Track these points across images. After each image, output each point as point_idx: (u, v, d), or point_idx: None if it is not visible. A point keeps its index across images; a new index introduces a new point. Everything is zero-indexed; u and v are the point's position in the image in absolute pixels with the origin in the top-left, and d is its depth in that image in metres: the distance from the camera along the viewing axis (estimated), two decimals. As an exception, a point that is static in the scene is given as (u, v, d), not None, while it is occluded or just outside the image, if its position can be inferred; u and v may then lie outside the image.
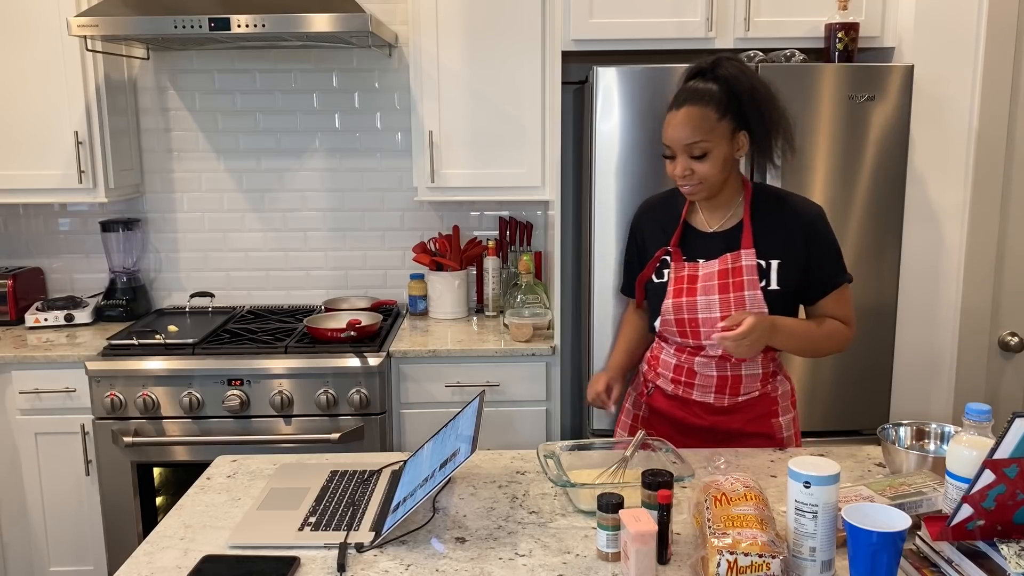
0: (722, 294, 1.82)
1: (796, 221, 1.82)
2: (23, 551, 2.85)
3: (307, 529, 1.48)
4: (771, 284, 1.82)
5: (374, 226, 3.30)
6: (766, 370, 1.90)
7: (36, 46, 2.84)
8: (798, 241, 1.81)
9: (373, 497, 1.60)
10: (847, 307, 1.90)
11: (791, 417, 1.95)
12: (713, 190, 1.82)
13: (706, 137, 1.75)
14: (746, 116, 1.77)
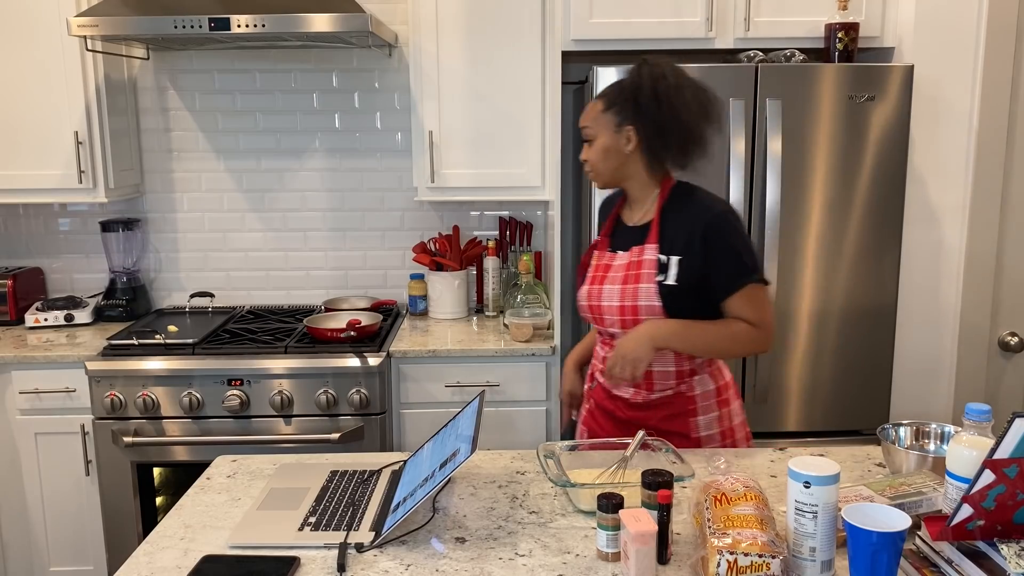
0: (623, 285, 1.89)
1: (697, 220, 1.85)
2: (23, 551, 2.85)
3: (307, 529, 1.48)
4: (668, 280, 1.85)
5: (374, 226, 3.30)
6: (680, 368, 1.91)
7: (36, 46, 2.84)
8: (697, 240, 1.83)
9: (373, 497, 1.60)
10: (755, 309, 1.85)
11: (714, 417, 1.93)
12: (604, 177, 1.93)
13: (590, 125, 1.90)
14: (633, 113, 1.85)
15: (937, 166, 2.56)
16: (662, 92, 1.83)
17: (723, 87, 2.41)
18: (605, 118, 1.88)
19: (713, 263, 1.83)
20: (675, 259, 1.85)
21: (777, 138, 2.42)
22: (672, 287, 1.84)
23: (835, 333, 2.54)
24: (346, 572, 1.36)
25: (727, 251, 1.83)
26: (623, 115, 1.86)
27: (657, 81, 1.83)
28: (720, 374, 1.96)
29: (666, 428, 1.92)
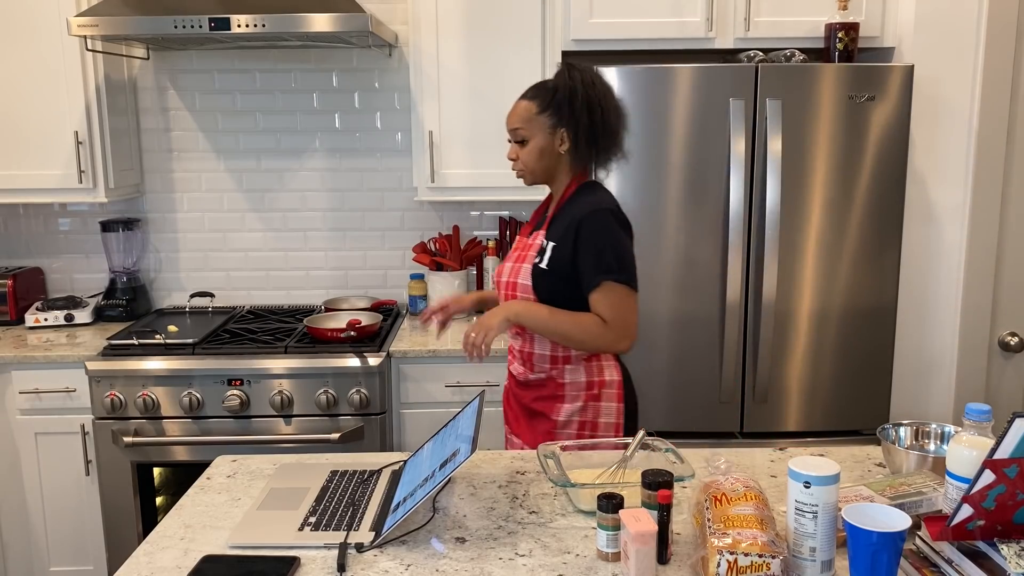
0: (514, 263, 2.06)
1: (577, 213, 1.94)
2: (23, 551, 2.85)
3: (307, 529, 1.48)
4: (542, 263, 1.98)
5: (374, 226, 3.30)
6: (555, 354, 2.01)
7: (36, 46, 2.84)
8: (572, 231, 1.93)
9: (373, 497, 1.60)
10: (609, 307, 1.92)
11: (578, 407, 2.01)
12: (536, 176, 2.05)
13: (524, 126, 1.99)
14: (568, 116, 1.95)
15: (937, 166, 2.56)
16: (594, 97, 1.94)
17: (723, 87, 2.41)
18: (540, 120, 1.97)
19: (579, 256, 1.93)
20: (552, 245, 1.96)
21: (777, 138, 2.42)
22: (543, 270, 1.97)
23: (835, 333, 2.55)
24: (346, 572, 1.36)
25: (592, 247, 1.92)
26: (558, 118, 1.96)
27: (589, 87, 1.94)
28: (600, 371, 2.02)
29: (536, 408, 2.05)
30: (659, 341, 2.53)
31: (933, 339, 2.64)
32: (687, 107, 2.43)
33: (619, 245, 1.93)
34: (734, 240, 2.46)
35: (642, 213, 2.47)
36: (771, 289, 2.48)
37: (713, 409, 2.56)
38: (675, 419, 2.57)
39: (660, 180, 2.46)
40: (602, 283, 1.91)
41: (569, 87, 1.94)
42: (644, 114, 2.43)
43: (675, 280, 2.50)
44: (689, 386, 2.55)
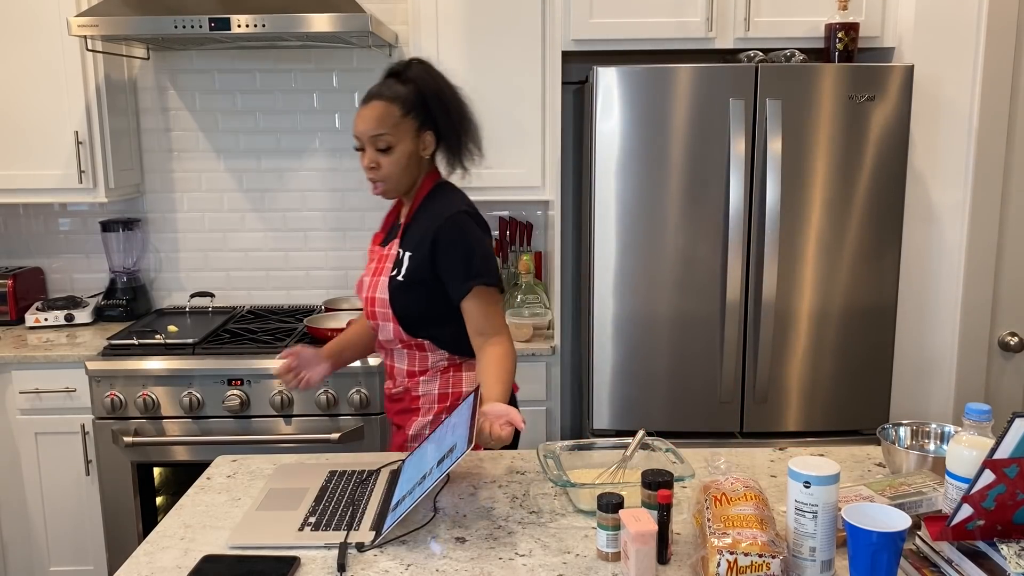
0: (372, 277, 1.96)
1: (434, 220, 1.86)
2: (23, 551, 2.85)
3: (307, 529, 1.48)
4: (400, 275, 1.88)
5: (374, 226, 3.30)
6: (411, 368, 1.96)
7: (36, 46, 2.84)
8: (428, 239, 1.84)
9: (372, 497, 1.60)
10: (484, 315, 1.85)
11: (427, 421, 1.95)
12: (400, 185, 1.89)
13: (390, 131, 1.83)
14: (432, 117, 1.85)
15: (937, 166, 2.56)
16: (450, 94, 1.86)
17: (723, 87, 2.41)
18: (406, 124, 1.84)
19: (441, 264, 1.84)
20: (408, 255, 1.88)
21: (777, 138, 2.42)
22: (400, 282, 1.87)
23: (835, 333, 2.55)
24: (346, 572, 1.36)
25: (455, 253, 1.83)
26: (423, 120, 1.85)
27: (442, 81, 1.85)
28: (456, 382, 1.95)
29: (396, 421, 2.01)
30: (659, 341, 2.53)
31: (933, 339, 2.64)
32: (687, 107, 2.43)
33: (481, 247, 1.85)
34: (734, 240, 2.46)
35: (642, 213, 2.47)
36: (771, 289, 2.48)
37: (713, 409, 2.56)
38: (675, 419, 2.57)
39: (660, 180, 2.46)
40: (473, 289, 1.83)
41: (430, 87, 1.84)
42: (644, 114, 2.43)
43: (675, 280, 2.50)
44: (689, 386, 2.55)
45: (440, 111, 1.85)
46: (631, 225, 2.48)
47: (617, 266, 2.50)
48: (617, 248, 2.49)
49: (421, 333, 1.91)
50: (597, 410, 2.57)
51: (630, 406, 2.57)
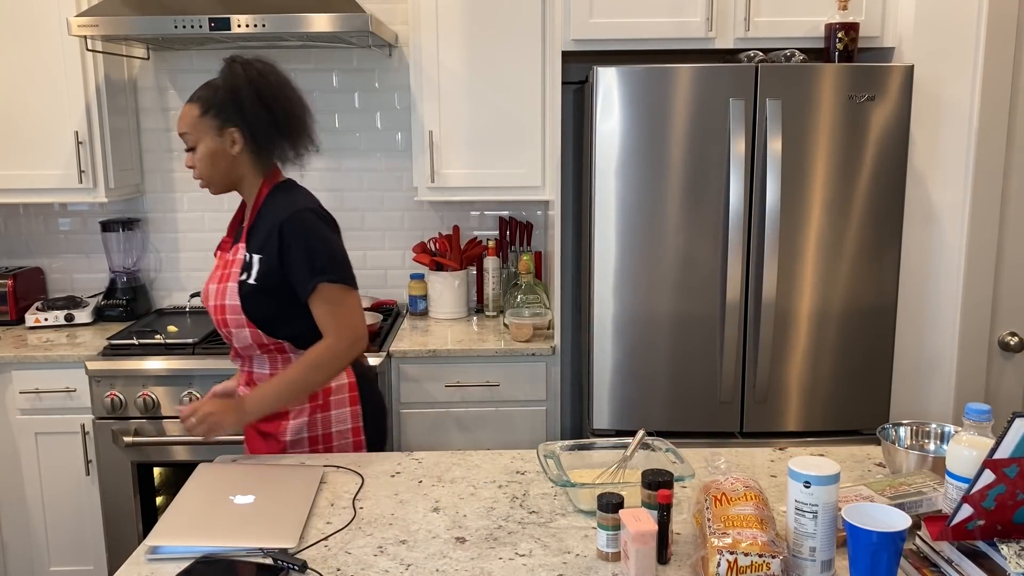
0: (218, 284, 1.91)
1: (277, 218, 1.85)
2: (23, 551, 2.85)
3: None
4: (250, 279, 1.86)
5: (374, 226, 3.30)
6: (273, 371, 1.93)
7: (36, 46, 2.84)
8: (275, 238, 1.83)
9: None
10: (330, 313, 1.84)
11: (304, 422, 1.92)
12: (217, 183, 1.91)
13: (190, 131, 1.87)
14: (236, 114, 1.85)
15: (937, 166, 2.56)
16: (264, 89, 1.85)
17: (723, 87, 2.41)
18: (204, 122, 1.86)
19: (287, 263, 1.83)
20: (257, 257, 1.85)
21: (777, 138, 2.42)
22: (252, 286, 1.85)
23: (835, 333, 2.54)
24: (347, 572, 1.36)
25: (299, 250, 1.82)
26: (224, 117, 1.86)
27: (256, 79, 1.85)
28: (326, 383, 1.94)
29: (264, 429, 1.94)
30: (659, 341, 2.53)
31: (933, 339, 2.64)
32: (687, 107, 2.43)
33: (326, 244, 1.85)
34: (734, 240, 2.46)
35: (642, 213, 2.47)
36: (771, 289, 2.48)
37: (713, 409, 2.56)
38: (675, 419, 2.57)
39: (660, 180, 2.46)
40: (317, 286, 1.82)
41: (231, 84, 1.85)
42: (644, 114, 2.43)
43: (675, 280, 2.50)
44: (689, 386, 2.55)
45: (239, 109, 1.85)
46: (631, 225, 2.48)
47: (617, 266, 2.50)
48: (617, 248, 2.49)
49: (280, 335, 1.89)
50: (597, 410, 2.57)
51: (630, 406, 2.57)
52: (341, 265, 1.86)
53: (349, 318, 1.86)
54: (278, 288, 1.85)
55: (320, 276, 1.82)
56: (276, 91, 1.87)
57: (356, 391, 1.98)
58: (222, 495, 1.59)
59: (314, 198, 1.93)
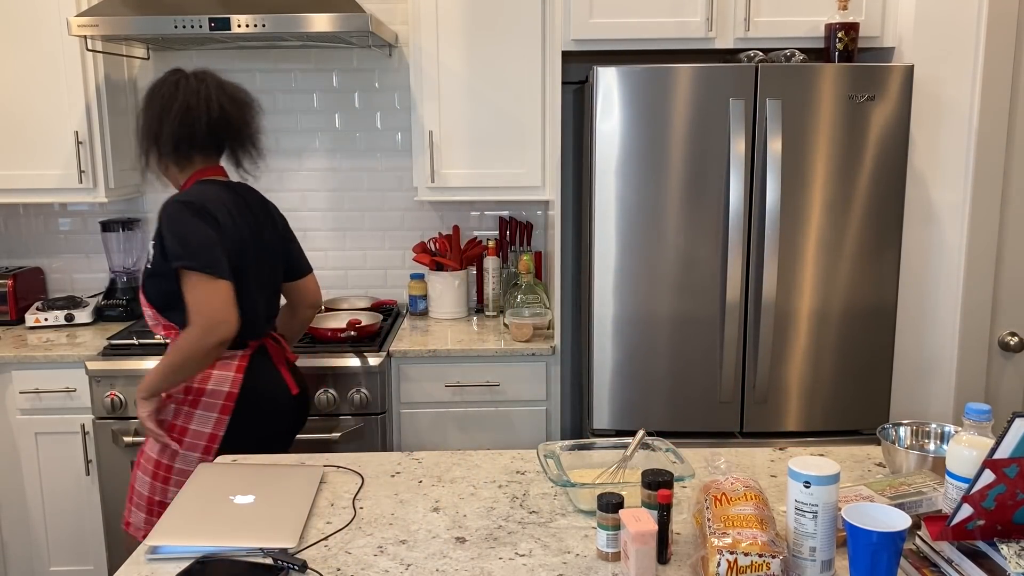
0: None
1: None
2: (23, 551, 2.85)
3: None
4: (149, 263, 2.03)
5: (374, 226, 3.30)
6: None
7: (36, 46, 2.84)
8: (157, 231, 2.00)
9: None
10: (189, 298, 1.94)
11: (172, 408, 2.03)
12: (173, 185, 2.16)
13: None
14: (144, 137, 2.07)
15: (937, 166, 2.56)
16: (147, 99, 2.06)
17: (723, 87, 2.41)
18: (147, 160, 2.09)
19: (156, 248, 1.98)
20: (151, 243, 2.01)
21: (777, 138, 2.42)
22: (149, 270, 2.03)
23: (835, 333, 2.55)
24: (347, 572, 1.36)
25: (163, 237, 1.95)
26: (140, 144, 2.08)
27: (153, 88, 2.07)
28: (204, 379, 2.04)
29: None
30: (659, 341, 2.53)
31: (933, 339, 2.64)
32: (687, 107, 2.43)
33: (184, 231, 1.95)
34: (734, 240, 2.46)
35: (642, 213, 2.47)
36: (771, 289, 2.48)
37: (713, 409, 2.56)
38: (675, 419, 2.57)
39: (660, 180, 2.46)
40: (179, 271, 1.94)
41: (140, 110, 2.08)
42: (644, 114, 2.43)
43: (675, 280, 2.50)
44: (689, 386, 2.55)
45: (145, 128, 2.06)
46: (631, 225, 2.48)
47: (617, 266, 2.50)
48: (617, 248, 2.49)
49: (172, 318, 2.05)
50: (597, 410, 2.57)
51: (630, 406, 2.57)
52: (197, 252, 1.94)
53: (202, 304, 1.93)
54: (168, 274, 1.98)
55: (176, 261, 1.94)
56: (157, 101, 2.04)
57: (232, 403, 2.02)
58: (222, 495, 1.59)
59: (203, 192, 2.02)
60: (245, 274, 2.04)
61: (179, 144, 2.05)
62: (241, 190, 2.14)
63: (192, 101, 2.03)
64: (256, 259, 2.09)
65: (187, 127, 2.02)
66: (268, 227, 2.17)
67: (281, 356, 2.16)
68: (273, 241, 2.19)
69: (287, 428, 2.16)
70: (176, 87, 2.04)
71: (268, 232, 2.16)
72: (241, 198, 2.11)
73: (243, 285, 2.02)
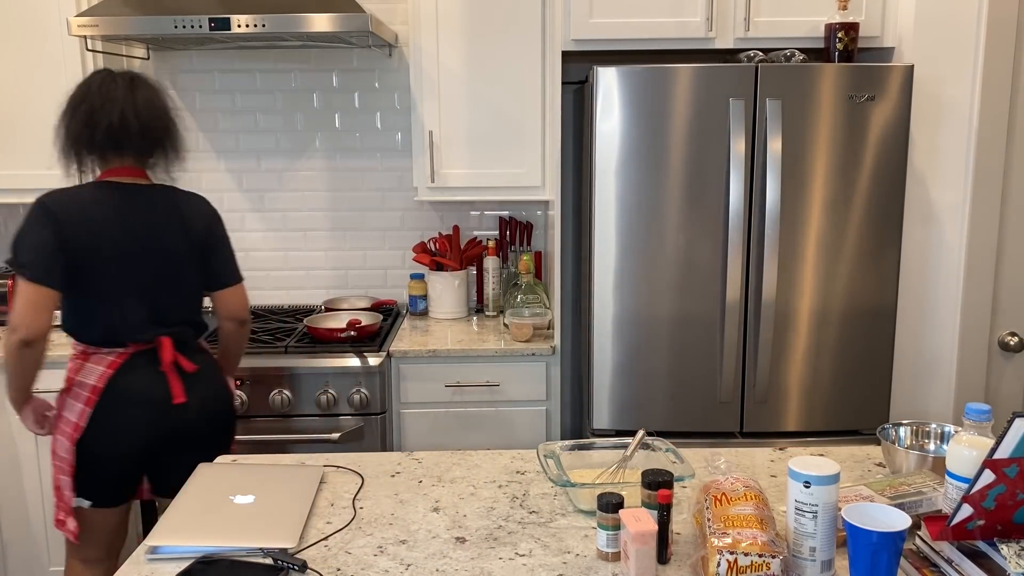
0: None
1: None
2: (23, 551, 2.85)
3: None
4: None
5: (374, 226, 3.31)
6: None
7: (37, 46, 2.84)
8: None
9: None
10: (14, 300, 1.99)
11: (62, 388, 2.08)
12: None
13: None
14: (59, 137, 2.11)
15: (937, 166, 2.56)
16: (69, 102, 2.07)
17: (723, 87, 2.41)
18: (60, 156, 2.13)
19: None
20: None
21: (777, 138, 2.42)
22: None
23: (835, 333, 2.55)
24: (347, 572, 1.36)
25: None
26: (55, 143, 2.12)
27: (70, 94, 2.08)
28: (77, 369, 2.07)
29: None
30: (659, 341, 2.53)
31: (933, 339, 2.64)
32: (687, 107, 2.43)
33: (22, 231, 2.00)
34: (734, 240, 2.46)
35: (642, 213, 2.47)
36: (771, 289, 2.48)
37: (713, 409, 2.56)
38: (675, 419, 2.57)
39: (660, 180, 2.46)
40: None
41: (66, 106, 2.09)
42: (644, 114, 2.43)
43: (675, 280, 2.50)
44: (689, 386, 2.55)
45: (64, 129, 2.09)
46: (631, 225, 2.48)
47: (617, 266, 2.50)
48: (617, 248, 2.49)
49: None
50: (597, 410, 2.57)
51: (630, 406, 2.57)
52: (21, 254, 1.98)
53: (18, 303, 1.97)
54: None
55: (9, 259, 2.01)
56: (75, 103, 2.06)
57: (96, 397, 2.02)
58: (222, 495, 1.59)
59: (67, 191, 2.06)
60: (103, 279, 2.02)
61: (78, 143, 2.07)
62: (143, 193, 2.09)
63: (97, 103, 2.04)
64: (132, 265, 2.04)
65: (89, 128, 2.04)
66: (171, 233, 2.10)
67: (173, 364, 2.08)
68: (175, 247, 2.10)
69: (165, 434, 2.07)
70: (88, 87, 2.06)
71: (169, 238, 2.09)
72: (131, 202, 2.06)
73: (99, 290, 2.02)
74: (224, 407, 2.20)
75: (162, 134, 2.11)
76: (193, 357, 2.13)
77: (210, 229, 2.18)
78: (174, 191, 2.15)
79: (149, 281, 2.07)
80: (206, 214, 2.18)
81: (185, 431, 2.09)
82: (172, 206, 2.12)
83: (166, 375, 2.06)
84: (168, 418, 2.05)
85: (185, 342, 2.13)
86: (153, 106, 2.08)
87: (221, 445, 2.19)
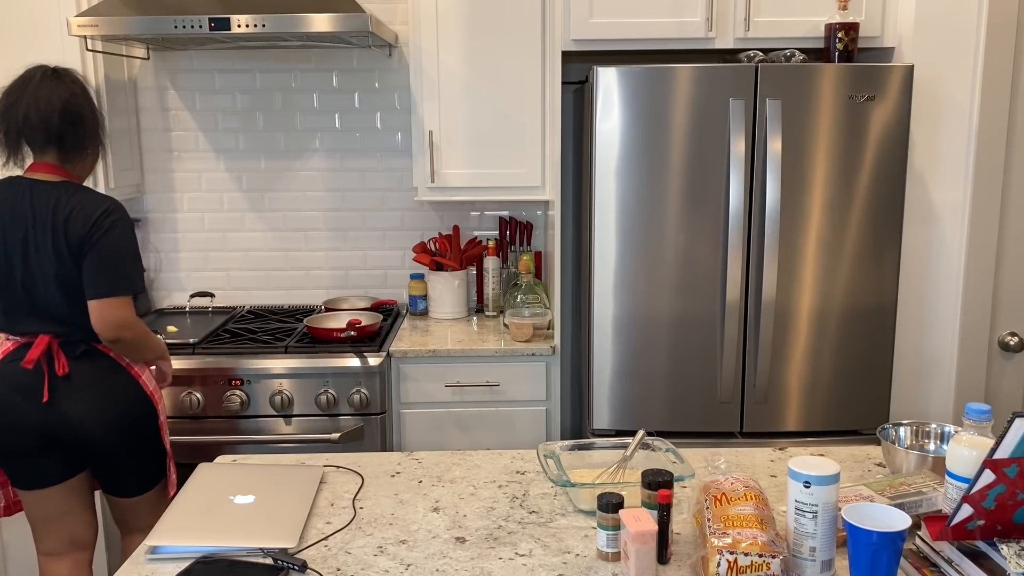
0: None
1: None
2: (23, 551, 2.85)
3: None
4: None
5: (374, 226, 3.31)
6: None
7: (36, 46, 2.83)
8: None
9: None
10: None
11: None
12: None
13: None
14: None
15: (937, 166, 2.56)
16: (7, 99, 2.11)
17: (723, 87, 2.41)
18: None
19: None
20: None
21: (777, 138, 2.42)
22: None
23: (835, 333, 2.55)
24: (347, 571, 1.36)
25: None
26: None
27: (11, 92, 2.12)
28: None
29: None
30: (659, 341, 2.53)
31: (933, 339, 2.64)
32: (687, 107, 2.43)
33: None
34: (734, 240, 2.46)
35: (642, 213, 2.47)
36: (771, 289, 2.48)
37: (713, 409, 2.56)
38: (675, 419, 2.57)
39: (660, 180, 2.46)
40: None
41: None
42: (644, 114, 2.43)
43: (675, 280, 2.50)
44: (689, 386, 2.55)
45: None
46: (631, 225, 2.48)
47: (617, 266, 2.50)
48: (617, 248, 2.49)
49: None
50: (597, 410, 2.57)
51: (630, 406, 2.57)
52: None
53: None
54: None
55: None
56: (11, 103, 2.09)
57: None
58: (222, 495, 1.59)
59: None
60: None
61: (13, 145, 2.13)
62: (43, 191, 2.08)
63: (11, 99, 2.09)
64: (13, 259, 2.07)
65: (3, 124, 2.10)
66: (54, 233, 2.05)
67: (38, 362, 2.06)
68: (55, 247, 2.05)
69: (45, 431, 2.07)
70: (11, 84, 2.10)
71: (51, 238, 2.05)
72: (28, 199, 2.07)
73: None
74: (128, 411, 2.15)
75: (61, 131, 2.09)
76: (79, 362, 2.10)
77: (88, 235, 2.04)
78: (74, 191, 2.09)
79: (31, 278, 2.08)
80: (89, 219, 2.05)
81: (82, 434, 2.09)
82: (58, 206, 2.06)
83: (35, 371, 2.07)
84: (42, 415, 2.07)
85: (73, 344, 2.10)
86: (50, 103, 2.07)
87: (148, 450, 2.21)
